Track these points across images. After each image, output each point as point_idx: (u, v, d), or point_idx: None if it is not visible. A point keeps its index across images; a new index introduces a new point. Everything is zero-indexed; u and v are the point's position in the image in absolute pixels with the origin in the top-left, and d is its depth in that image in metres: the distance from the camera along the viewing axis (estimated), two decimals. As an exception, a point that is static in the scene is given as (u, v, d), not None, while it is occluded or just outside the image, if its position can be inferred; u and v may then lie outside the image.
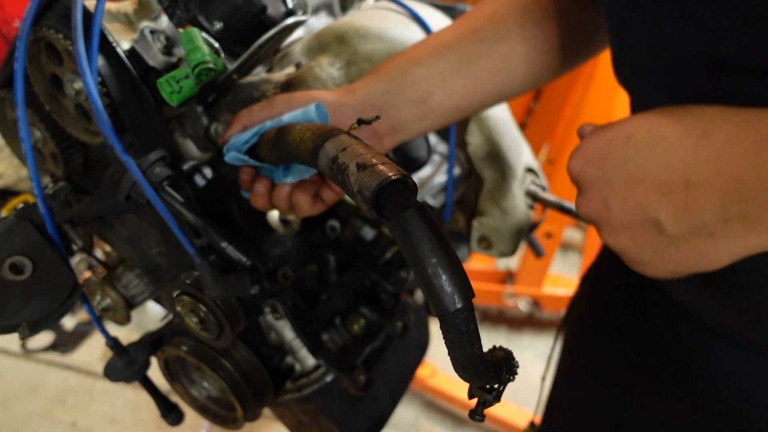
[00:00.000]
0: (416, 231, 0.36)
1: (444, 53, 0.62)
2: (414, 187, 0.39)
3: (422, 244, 0.36)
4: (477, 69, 0.62)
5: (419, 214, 0.37)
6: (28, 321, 0.58)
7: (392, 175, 0.38)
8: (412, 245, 0.36)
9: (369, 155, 0.40)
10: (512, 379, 0.43)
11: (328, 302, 0.74)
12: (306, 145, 0.46)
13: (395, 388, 0.83)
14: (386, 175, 0.38)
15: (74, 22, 0.54)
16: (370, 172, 0.38)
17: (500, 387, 0.42)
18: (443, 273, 0.36)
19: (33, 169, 0.59)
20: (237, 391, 0.68)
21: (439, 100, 0.62)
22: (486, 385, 0.42)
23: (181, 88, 0.56)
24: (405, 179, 0.38)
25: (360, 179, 0.38)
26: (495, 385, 0.42)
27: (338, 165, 0.41)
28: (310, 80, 0.69)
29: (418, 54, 0.63)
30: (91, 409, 2.07)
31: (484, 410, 0.44)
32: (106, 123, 0.54)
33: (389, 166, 0.39)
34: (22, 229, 0.59)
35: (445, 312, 0.36)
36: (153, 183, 0.56)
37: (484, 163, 0.80)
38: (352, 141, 0.42)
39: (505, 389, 0.43)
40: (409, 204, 0.37)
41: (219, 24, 0.61)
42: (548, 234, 2.13)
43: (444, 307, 0.36)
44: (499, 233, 0.81)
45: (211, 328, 0.62)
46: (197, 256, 0.57)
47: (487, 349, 0.44)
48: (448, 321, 0.36)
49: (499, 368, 0.42)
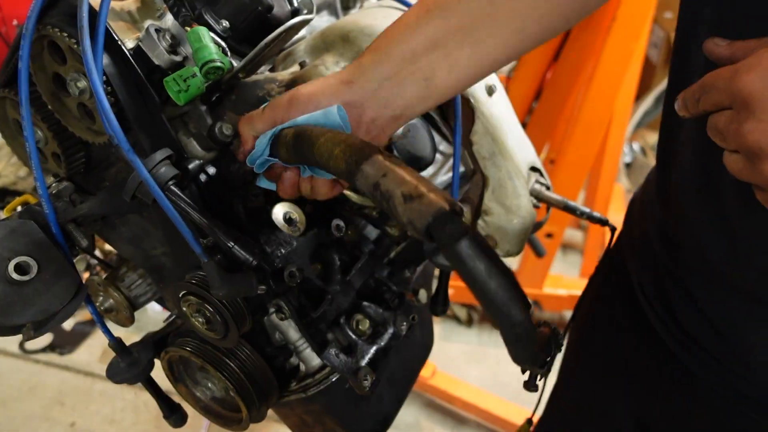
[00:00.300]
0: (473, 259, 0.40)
1: (443, 17, 0.56)
2: (461, 212, 0.42)
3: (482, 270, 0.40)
4: (484, 34, 0.55)
5: (472, 243, 0.40)
6: (32, 322, 0.58)
7: (442, 206, 0.40)
8: (472, 272, 0.40)
9: (413, 182, 0.42)
10: (560, 350, 0.49)
11: (333, 302, 0.74)
12: (337, 162, 0.48)
13: (399, 388, 0.82)
14: (437, 208, 0.40)
15: (81, 20, 0.53)
16: (419, 203, 0.41)
17: (550, 360, 0.47)
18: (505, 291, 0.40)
19: (37, 168, 0.59)
20: (242, 391, 0.67)
21: (443, 76, 0.57)
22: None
23: (188, 86, 0.55)
24: (454, 208, 0.41)
25: (409, 211, 0.41)
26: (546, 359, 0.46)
27: (381, 193, 0.44)
28: (314, 79, 0.68)
29: (414, 20, 0.57)
30: (90, 409, 2.06)
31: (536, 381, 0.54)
32: (113, 122, 0.53)
33: (437, 195, 0.41)
34: (26, 229, 0.58)
35: (512, 324, 0.40)
36: (159, 182, 0.55)
37: (489, 162, 0.80)
38: (390, 165, 0.45)
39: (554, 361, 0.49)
40: (461, 233, 0.40)
41: (225, 22, 0.60)
42: (549, 234, 2.13)
43: (510, 320, 0.40)
44: (504, 232, 0.81)
45: (217, 328, 0.62)
46: (204, 255, 0.57)
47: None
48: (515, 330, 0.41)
49: (548, 346, 0.46)
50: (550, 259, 2.32)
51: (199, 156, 0.67)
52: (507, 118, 0.82)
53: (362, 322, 0.76)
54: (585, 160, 2.01)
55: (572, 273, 2.76)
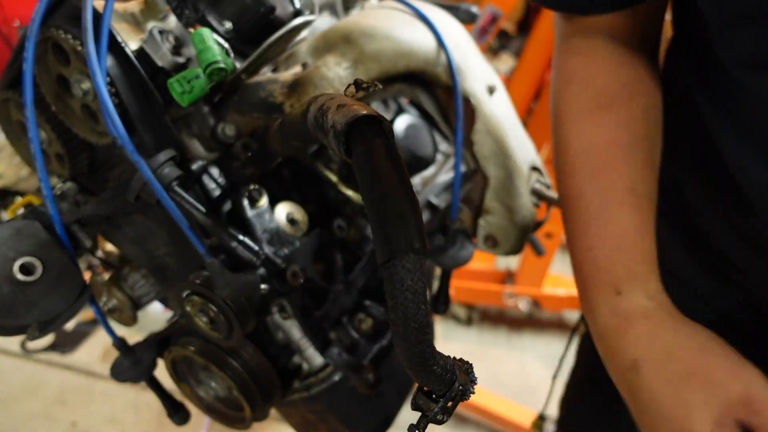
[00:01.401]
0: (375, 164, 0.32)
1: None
2: (390, 131, 0.35)
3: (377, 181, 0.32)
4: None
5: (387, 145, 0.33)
6: (37, 322, 0.58)
7: (369, 112, 0.35)
8: (367, 179, 0.32)
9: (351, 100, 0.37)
10: (465, 397, 0.36)
11: (336, 301, 0.74)
12: (301, 107, 0.44)
13: (402, 386, 0.83)
14: (364, 112, 0.34)
15: (84, 22, 0.54)
16: (348, 109, 0.35)
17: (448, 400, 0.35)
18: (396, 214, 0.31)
19: (42, 170, 0.59)
20: (245, 390, 0.68)
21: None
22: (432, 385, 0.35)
23: (192, 88, 0.56)
24: (380, 118, 0.35)
25: (336, 115, 0.36)
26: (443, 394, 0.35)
27: (323, 111, 0.38)
28: (317, 80, 0.69)
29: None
30: (91, 409, 2.07)
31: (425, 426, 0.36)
32: (118, 123, 0.54)
33: (369, 108, 0.35)
34: (31, 229, 0.59)
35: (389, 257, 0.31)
36: (163, 183, 0.56)
37: (490, 162, 0.81)
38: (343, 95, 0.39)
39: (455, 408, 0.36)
40: (377, 134, 0.34)
41: (228, 24, 0.61)
42: (548, 234, 2.13)
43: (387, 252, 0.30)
44: (505, 231, 0.81)
45: (221, 328, 0.62)
46: (208, 255, 0.57)
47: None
48: (390, 268, 0.31)
49: (451, 374, 0.35)
50: (549, 258, 2.32)
51: (202, 157, 0.68)
52: (508, 117, 0.82)
53: (365, 321, 0.76)
54: (584, 160, 2.02)
55: (571, 272, 2.76)
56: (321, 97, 0.41)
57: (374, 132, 0.34)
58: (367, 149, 0.33)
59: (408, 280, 0.31)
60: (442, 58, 0.76)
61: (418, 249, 0.31)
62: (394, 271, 0.31)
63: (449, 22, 0.82)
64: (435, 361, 0.34)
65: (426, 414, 0.36)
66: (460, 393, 0.35)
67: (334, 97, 0.39)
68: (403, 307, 0.31)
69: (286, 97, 0.67)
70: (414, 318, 0.31)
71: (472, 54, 0.82)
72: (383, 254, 0.31)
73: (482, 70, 0.82)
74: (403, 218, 0.31)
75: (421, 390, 0.37)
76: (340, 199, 0.79)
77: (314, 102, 0.42)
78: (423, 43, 0.75)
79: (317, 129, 0.40)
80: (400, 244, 0.31)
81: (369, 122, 0.34)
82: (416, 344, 0.32)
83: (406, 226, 0.31)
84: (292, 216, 0.72)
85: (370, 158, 0.33)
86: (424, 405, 0.36)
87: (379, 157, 0.33)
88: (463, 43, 0.80)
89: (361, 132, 0.34)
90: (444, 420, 0.36)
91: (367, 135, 0.34)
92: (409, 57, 0.73)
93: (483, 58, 0.85)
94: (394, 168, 0.32)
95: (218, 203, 0.65)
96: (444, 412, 0.35)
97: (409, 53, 0.73)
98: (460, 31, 0.83)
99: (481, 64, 0.83)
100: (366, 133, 0.34)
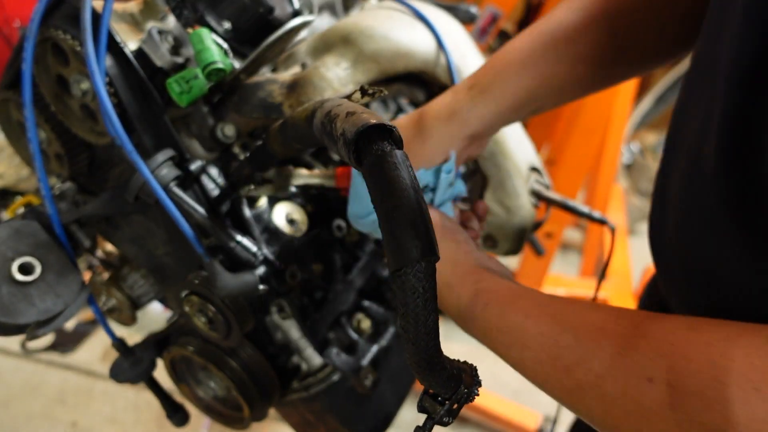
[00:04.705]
0: (387, 175, 0.33)
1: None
2: (399, 139, 0.36)
3: (389, 192, 0.32)
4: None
5: (396, 157, 0.34)
6: (36, 321, 0.59)
7: (379, 120, 0.35)
8: (379, 189, 0.33)
9: (360, 107, 0.38)
10: (470, 400, 0.37)
11: (335, 301, 0.74)
12: (306, 111, 0.44)
13: (400, 387, 0.83)
14: (374, 121, 0.35)
15: (83, 23, 0.54)
16: (357, 117, 0.36)
17: (454, 403, 0.36)
18: (409, 223, 0.32)
19: (41, 169, 0.59)
20: (244, 390, 0.68)
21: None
22: (438, 389, 0.37)
23: (191, 88, 0.56)
24: (391, 127, 0.36)
25: (346, 123, 0.36)
26: (449, 396, 0.36)
27: (330, 117, 0.39)
28: (316, 80, 0.69)
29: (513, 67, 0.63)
30: (92, 409, 2.07)
31: (431, 428, 0.37)
32: (116, 124, 0.54)
33: (377, 116, 0.36)
34: (30, 229, 0.59)
35: (401, 265, 0.31)
36: (162, 183, 0.56)
37: (489, 162, 0.81)
38: (349, 102, 0.40)
39: (460, 410, 0.37)
40: (388, 145, 0.34)
41: (227, 24, 0.61)
42: (548, 233, 2.13)
43: (400, 261, 0.31)
44: (504, 231, 0.81)
45: (219, 328, 0.62)
46: (206, 255, 0.58)
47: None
48: (402, 276, 0.31)
49: (457, 377, 0.36)
50: (549, 258, 2.32)
51: (201, 157, 0.68)
52: (507, 118, 0.82)
53: (363, 322, 0.76)
54: (584, 161, 2.02)
55: (571, 272, 2.76)
56: (327, 103, 0.41)
57: (385, 141, 0.35)
58: (378, 159, 0.34)
59: (420, 288, 0.32)
60: (441, 59, 0.76)
61: (429, 257, 0.32)
62: (406, 279, 0.32)
63: (448, 22, 0.82)
64: (443, 366, 0.35)
65: (432, 416, 0.37)
66: (465, 396, 0.37)
67: (341, 103, 0.40)
68: (415, 314, 0.32)
69: (285, 98, 0.67)
70: (425, 324, 0.32)
71: (472, 54, 0.82)
72: (395, 262, 0.32)
73: (481, 70, 0.82)
74: (415, 227, 0.32)
75: (427, 392, 0.38)
76: (339, 200, 0.79)
77: (320, 107, 0.42)
78: (422, 44, 0.75)
79: (325, 135, 0.40)
80: (412, 252, 0.31)
81: (379, 131, 0.35)
82: (426, 349, 0.33)
83: (418, 235, 0.32)
84: (291, 216, 0.72)
85: (382, 168, 0.34)
86: (430, 407, 0.37)
87: (390, 167, 0.33)
88: (462, 44, 0.80)
89: (371, 141, 0.35)
90: (449, 422, 0.37)
91: (377, 144, 0.35)
92: (408, 57, 0.73)
93: (483, 59, 0.85)
94: (404, 177, 0.33)
95: (217, 203, 0.65)
96: (449, 414, 0.37)
97: (408, 54, 0.73)
98: (460, 31, 0.83)
99: (480, 64, 0.82)
100: (376, 142, 0.35)
